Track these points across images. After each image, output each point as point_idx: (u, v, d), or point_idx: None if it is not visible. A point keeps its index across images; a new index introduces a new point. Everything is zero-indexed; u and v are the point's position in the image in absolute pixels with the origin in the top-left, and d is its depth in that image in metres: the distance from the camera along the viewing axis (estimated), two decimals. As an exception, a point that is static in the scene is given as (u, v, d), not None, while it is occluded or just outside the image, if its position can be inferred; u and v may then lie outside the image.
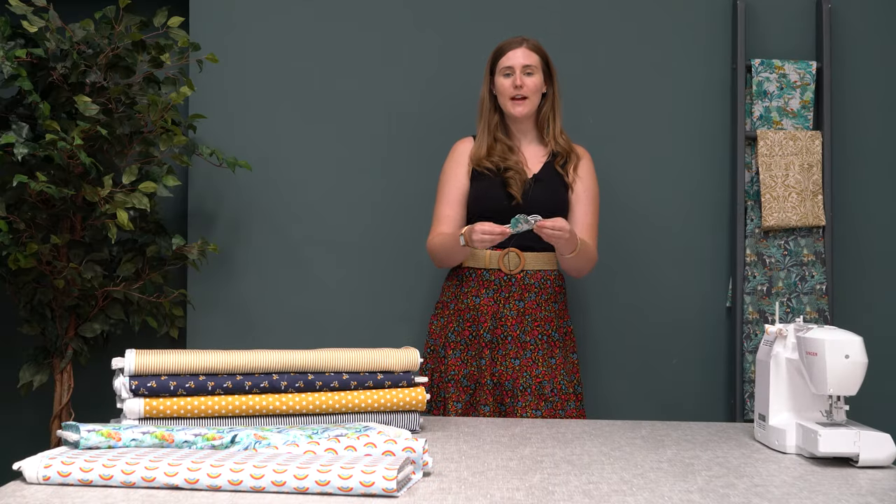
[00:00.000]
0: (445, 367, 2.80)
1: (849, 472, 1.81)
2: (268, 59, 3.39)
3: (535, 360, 2.76)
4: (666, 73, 3.38)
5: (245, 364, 2.04)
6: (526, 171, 2.84)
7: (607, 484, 1.69)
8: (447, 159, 2.94)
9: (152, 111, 2.98)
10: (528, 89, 2.82)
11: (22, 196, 2.97)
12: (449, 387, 2.77)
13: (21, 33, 2.99)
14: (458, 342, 2.80)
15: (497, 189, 2.81)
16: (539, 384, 2.74)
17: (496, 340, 2.77)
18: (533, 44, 2.87)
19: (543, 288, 2.80)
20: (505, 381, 2.75)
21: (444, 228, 2.86)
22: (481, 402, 2.75)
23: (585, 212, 2.87)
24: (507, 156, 2.84)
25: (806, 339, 1.94)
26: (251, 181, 3.36)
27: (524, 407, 2.73)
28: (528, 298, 2.78)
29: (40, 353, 3.17)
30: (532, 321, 2.78)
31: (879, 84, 3.37)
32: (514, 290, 2.78)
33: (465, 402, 2.76)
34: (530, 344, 2.77)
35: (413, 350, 2.14)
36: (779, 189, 3.25)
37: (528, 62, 2.83)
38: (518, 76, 2.81)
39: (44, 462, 1.63)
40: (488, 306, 2.78)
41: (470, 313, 2.79)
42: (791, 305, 3.26)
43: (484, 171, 2.84)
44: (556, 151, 2.88)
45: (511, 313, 2.77)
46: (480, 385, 2.76)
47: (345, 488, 1.56)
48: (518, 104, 2.83)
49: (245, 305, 3.36)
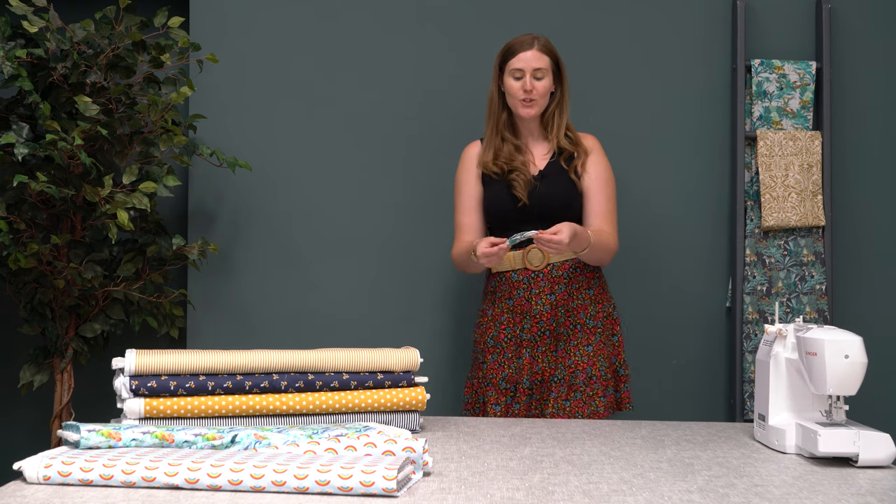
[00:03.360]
0: (484, 372, 2.81)
1: (848, 472, 1.81)
2: (268, 59, 3.39)
3: (567, 350, 2.77)
4: (666, 74, 3.38)
5: (245, 364, 2.04)
6: (531, 170, 2.83)
7: (607, 484, 1.69)
8: (458, 167, 2.94)
9: (152, 111, 2.98)
10: (538, 93, 2.79)
11: (22, 196, 2.97)
12: (488, 390, 2.79)
13: (21, 33, 2.99)
14: (496, 346, 2.81)
15: (504, 193, 2.81)
16: (572, 374, 2.75)
17: (534, 339, 2.78)
18: (544, 44, 2.82)
19: (573, 277, 2.79)
20: (548, 376, 2.76)
21: (466, 237, 2.87)
22: (518, 401, 2.76)
23: (599, 200, 2.83)
24: (514, 156, 2.83)
25: (806, 339, 1.94)
26: (251, 181, 3.36)
27: (556, 398, 2.73)
28: (559, 290, 2.77)
29: (40, 353, 3.17)
30: (565, 312, 2.78)
31: (879, 84, 3.37)
32: (543, 286, 2.77)
33: (504, 405, 2.77)
34: (564, 335, 2.78)
35: (413, 350, 2.14)
36: (779, 189, 3.25)
37: (539, 65, 2.78)
38: (528, 80, 2.78)
39: (44, 462, 1.63)
40: (522, 306, 2.78)
41: (505, 316, 2.80)
42: (791, 305, 3.26)
43: (492, 175, 2.84)
44: (561, 147, 2.86)
45: (545, 308, 2.77)
46: (521, 385, 2.77)
47: (345, 488, 1.56)
48: (527, 106, 2.81)
49: (245, 305, 3.36)
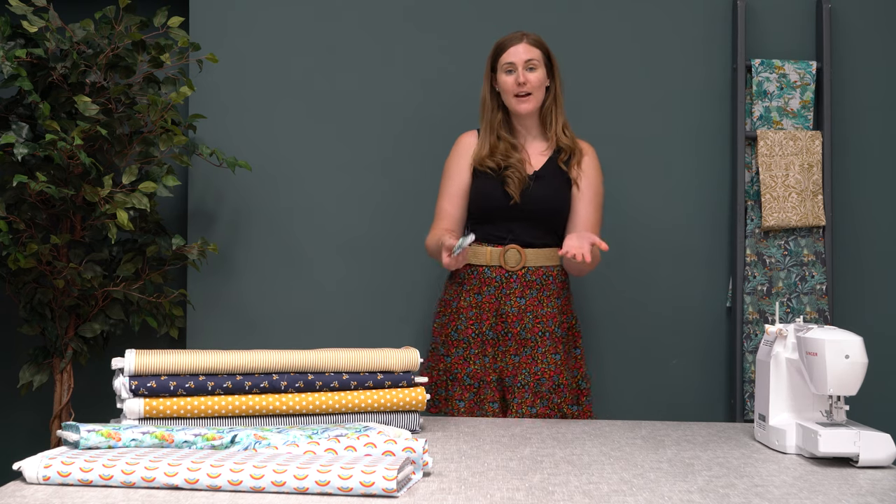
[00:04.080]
0: (448, 366, 2.79)
1: (849, 472, 1.81)
2: (267, 59, 3.38)
3: (534, 357, 2.75)
4: (666, 73, 3.38)
5: (245, 364, 2.04)
6: (527, 169, 2.81)
7: (607, 484, 1.69)
8: (451, 153, 2.92)
9: (152, 111, 2.98)
10: (532, 85, 2.78)
11: (22, 196, 2.97)
12: (453, 385, 2.77)
13: (21, 33, 2.99)
14: (461, 340, 2.78)
15: (496, 188, 2.79)
16: (537, 381, 2.73)
17: (498, 337, 2.77)
18: (533, 38, 2.82)
19: (545, 284, 2.79)
20: (506, 377, 2.75)
21: (444, 224, 2.85)
22: (487, 399, 2.75)
23: (588, 209, 2.84)
24: (510, 154, 2.81)
25: (806, 339, 1.94)
26: (251, 181, 3.36)
27: (520, 404, 2.72)
28: (530, 295, 2.77)
29: (40, 353, 3.17)
30: (533, 318, 2.77)
31: (879, 84, 3.37)
32: (515, 287, 2.77)
33: (468, 401, 2.76)
34: (531, 341, 2.76)
35: (413, 350, 2.14)
36: (779, 189, 3.25)
37: (531, 56, 2.79)
38: (521, 72, 2.77)
39: (44, 462, 1.63)
40: (490, 304, 2.77)
41: (473, 311, 2.78)
42: (791, 305, 3.26)
43: (486, 170, 2.82)
44: (559, 147, 2.85)
45: (513, 310, 2.76)
46: (486, 383, 2.75)
47: (345, 488, 1.56)
48: (523, 101, 2.80)
49: (245, 305, 3.36)
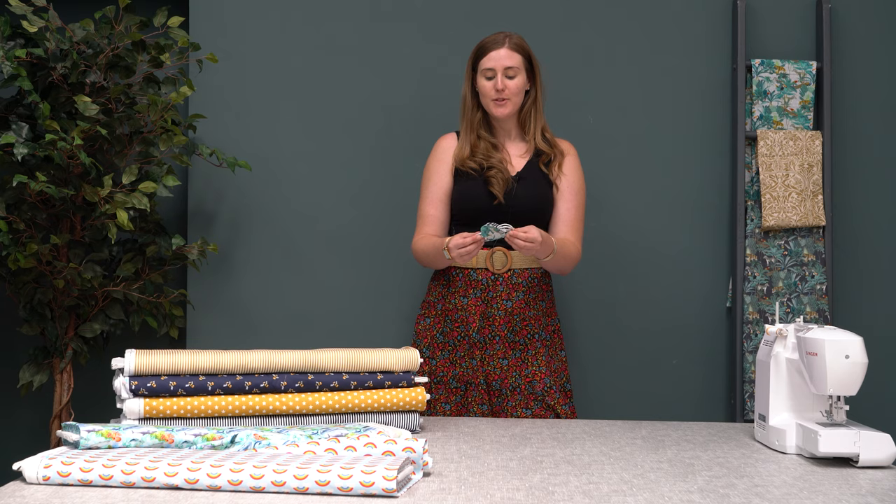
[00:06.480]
0: (433, 368, 2.77)
1: (849, 473, 1.81)
2: (267, 59, 3.38)
3: (524, 359, 2.75)
4: (666, 73, 3.38)
5: (245, 364, 2.04)
6: (509, 170, 2.80)
7: (607, 484, 1.69)
8: (430, 156, 2.89)
9: (152, 111, 2.98)
10: (510, 91, 2.76)
11: (22, 196, 2.97)
12: (438, 388, 2.76)
13: (21, 33, 2.99)
14: (447, 342, 2.77)
15: (479, 189, 2.77)
16: (529, 383, 2.73)
17: (484, 340, 2.75)
18: (515, 42, 2.79)
19: (531, 287, 2.77)
20: (493, 381, 2.74)
21: (429, 229, 2.83)
22: (475, 402, 2.74)
23: (568, 208, 2.82)
24: (491, 154, 2.79)
25: (806, 339, 1.94)
26: (251, 181, 3.36)
27: (514, 406, 2.71)
28: (516, 298, 2.75)
29: (40, 353, 3.16)
30: (520, 320, 2.75)
31: (879, 84, 3.37)
32: (501, 290, 2.75)
33: (454, 403, 2.75)
34: (519, 343, 2.75)
35: (413, 350, 2.14)
36: (779, 189, 3.25)
37: (510, 63, 2.76)
38: (500, 79, 2.75)
39: (44, 462, 1.63)
40: (476, 306, 2.75)
41: (458, 313, 2.76)
42: (791, 305, 3.26)
43: (468, 170, 2.80)
44: (539, 149, 2.84)
45: (499, 313, 2.74)
46: (473, 385, 2.74)
47: (345, 488, 1.56)
48: (500, 105, 2.78)
49: (245, 305, 3.36)
